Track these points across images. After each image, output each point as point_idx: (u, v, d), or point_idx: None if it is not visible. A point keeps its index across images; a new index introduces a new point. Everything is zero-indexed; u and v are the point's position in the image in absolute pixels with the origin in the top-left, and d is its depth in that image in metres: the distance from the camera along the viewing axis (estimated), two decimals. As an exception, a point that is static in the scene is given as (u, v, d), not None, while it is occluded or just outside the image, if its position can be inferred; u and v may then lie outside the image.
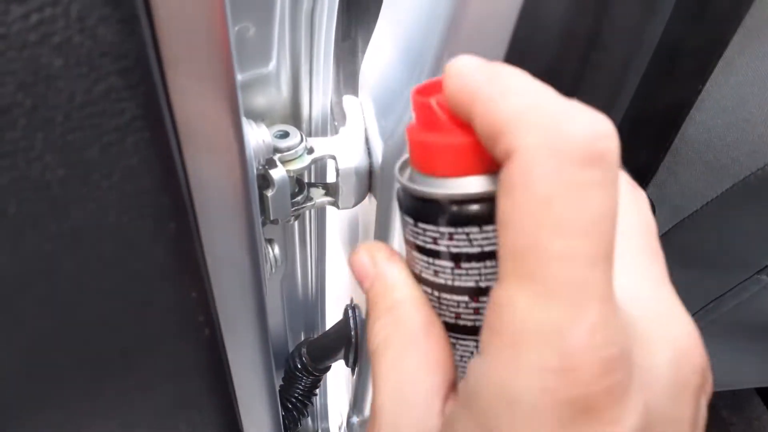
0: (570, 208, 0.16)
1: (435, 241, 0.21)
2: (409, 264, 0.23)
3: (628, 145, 0.50)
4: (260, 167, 0.41)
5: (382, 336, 0.22)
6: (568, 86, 0.33)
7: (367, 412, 0.63)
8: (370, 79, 0.49)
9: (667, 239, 0.51)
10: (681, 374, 0.19)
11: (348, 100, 0.50)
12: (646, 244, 0.22)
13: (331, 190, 0.47)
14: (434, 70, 0.36)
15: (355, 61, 0.60)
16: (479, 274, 0.21)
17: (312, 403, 0.64)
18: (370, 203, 0.48)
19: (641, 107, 0.48)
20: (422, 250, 0.22)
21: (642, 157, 0.48)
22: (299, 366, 0.62)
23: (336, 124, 0.49)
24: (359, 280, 0.24)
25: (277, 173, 0.41)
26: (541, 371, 0.16)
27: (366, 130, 0.46)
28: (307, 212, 0.52)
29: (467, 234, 0.21)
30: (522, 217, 0.17)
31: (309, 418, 0.78)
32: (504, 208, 0.17)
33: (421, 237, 0.22)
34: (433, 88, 0.21)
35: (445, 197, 0.20)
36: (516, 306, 0.17)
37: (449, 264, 0.22)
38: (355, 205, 0.46)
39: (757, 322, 0.63)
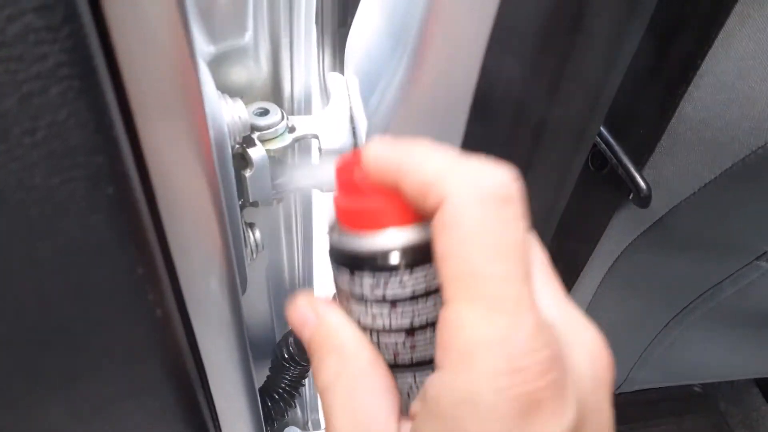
0: (497, 238, 0.20)
1: (371, 288, 0.24)
2: (346, 311, 0.25)
3: (624, 126, 0.48)
4: (237, 145, 0.39)
5: (332, 373, 0.24)
6: (560, 55, 0.31)
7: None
8: (355, 56, 0.47)
9: (663, 224, 0.49)
10: (597, 371, 0.22)
11: (332, 78, 0.48)
12: (545, 268, 0.25)
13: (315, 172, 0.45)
14: (417, 45, 0.34)
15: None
16: (413, 314, 0.24)
17: (300, 394, 0.62)
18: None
19: (637, 86, 0.46)
20: (359, 297, 0.24)
21: (638, 138, 0.46)
22: (286, 356, 0.60)
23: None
24: (299, 329, 0.26)
25: (256, 152, 0.39)
26: (494, 375, 0.19)
27: (351, 109, 0.44)
28: (292, 196, 0.50)
29: (399, 279, 0.24)
30: (460, 249, 0.20)
31: (298, 409, 0.77)
32: (442, 244, 0.20)
33: (357, 286, 0.24)
34: (352, 161, 0.25)
35: (378, 250, 0.24)
36: (465, 323, 0.20)
37: (386, 308, 0.24)
38: (339, 187, 0.45)
39: (757, 310, 0.61)
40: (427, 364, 0.25)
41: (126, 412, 0.29)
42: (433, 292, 0.24)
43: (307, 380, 0.77)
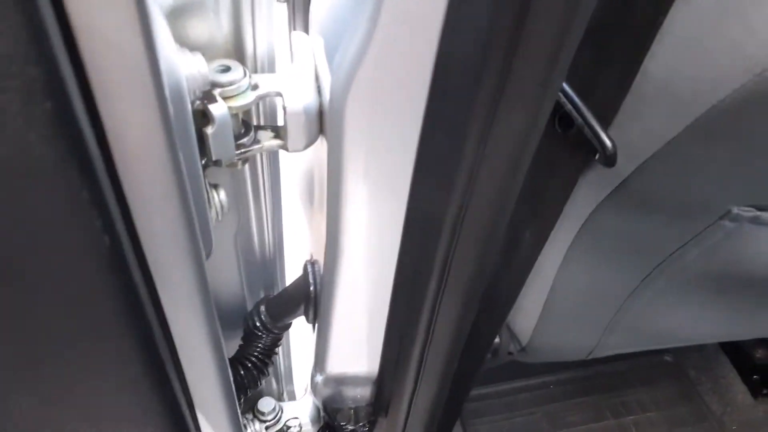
0: None
1: None
2: None
3: (589, 87, 0.48)
4: (198, 101, 0.38)
5: None
6: (519, 5, 0.31)
7: (329, 369, 0.62)
8: (319, 15, 0.47)
9: (629, 185, 0.49)
10: None
11: (296, 36, 0.47)
12: None
13: (280, 132, 0.44)
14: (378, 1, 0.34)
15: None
16: None
17: (272, 362, 0.62)
18: (322, 146, 0.46)
19: (601, 45, 0.46)
20: None
21: (603, 97, 0.47)
22: (258, 324, 0.60)
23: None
24: None
25: (218, 109, 0.38)
26: None
27: (316, 68, 0.44)
28: (259, 161, 0.50)
29: None
30: None
31: (274, 381, 0.77)
32: None
33: None
34: None
35: None
36: None
37: None
38: (306, 147, 0.44)
39: (722, 272, 0.63)
40: None
41: (79, 356, 0.28)
42: None
43: (281, 350, 0.77)
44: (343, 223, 0.47)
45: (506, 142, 0.37)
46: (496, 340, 0.82)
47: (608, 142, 0.45)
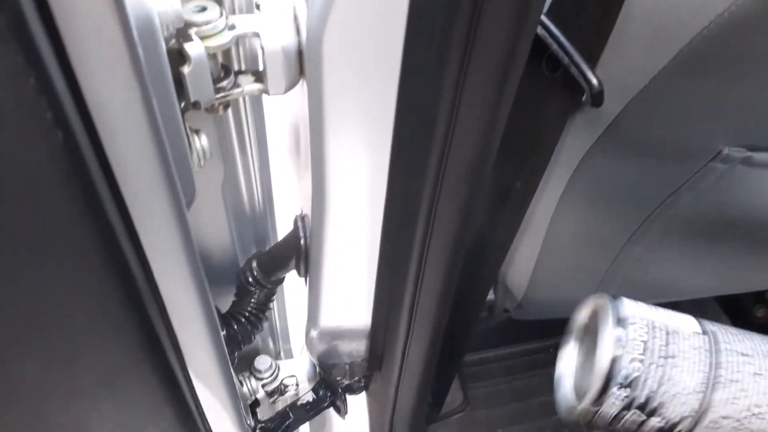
0: None
1: None
2: None
3: (574, 25, 0.47)
4: (173, 41, 0.38)
5: None
6: None
7: (322, 323, 0.62)
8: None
9: (618, 126, 0.49)
10: None
11: (275, -23, 0.46)
12: None
13: (261, 77, 0.44)
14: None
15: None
16: None
17: (266, 317, 0.63)
18: (304, 93, 0.45)
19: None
20: None
21: (588, 35, 0.46)
22: (251, 280, 0.60)
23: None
24: None
25: (194, 48, 0.38)
26: None
27: (295, 7, 0.43)
28: (243, 108, 0.49)
29: None
30: None
31: (271, 340, 0.77)
32: None
33: None
34: None
35: None
36: None
37: None
38: (287, 89, 0.44)
39: (715, 218, 0.62)
40: None
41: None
42: None
43: (276, 310, 0.77)
44: (327, 171, 0.47)
45: (486, 75, 0.36)
46: (491, 296, 0.82)
47: (594, 80, 0.45)
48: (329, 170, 0.46)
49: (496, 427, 1.21)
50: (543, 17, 0.49)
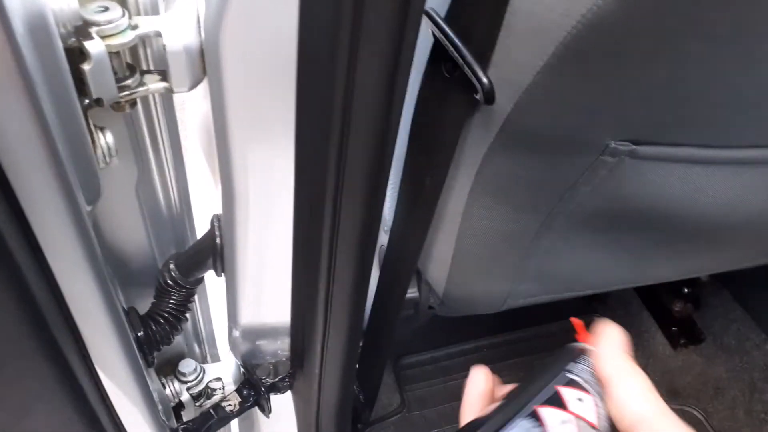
0: None
1: None
2: None
3: (468, 27, 0.51)
4: (73, 39, 0.39)
5: None
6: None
7: (241, 321, 0.63)
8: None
9: (512, 123, 0.52)
10: None
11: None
12: None
13: (167, 76, 0.45)
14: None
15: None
16: None
17: (186, 318, 0.63)
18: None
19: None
20: None
21: (480, 37, 0.49)
22: (169, 281, 0.61)
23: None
24: None
25: (94, 46, 0.39)
26: None
27: (198, 8, 0.45)
28: (153, 108, 0.50)
29: None
30: None
31: (196, 345, 0.78)
32: None
33: None
34: None
35: None
36: None
37: None
38: (191, 87, 0.45)
39: (613, 210, 0.67)
40: None
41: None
42: None
43: (201, 315, 0.77)
44: (233, 167, 0.48)
45: (375, 65, 0.39)
46: (416, 293, 0.84)
47: (484, 79, 0.48)
48: (235, 167, 0.48)
49: (432, 427, 1.24)
50: (441, 23, 0.52)
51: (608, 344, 0.40)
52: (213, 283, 0.72)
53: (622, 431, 0.37)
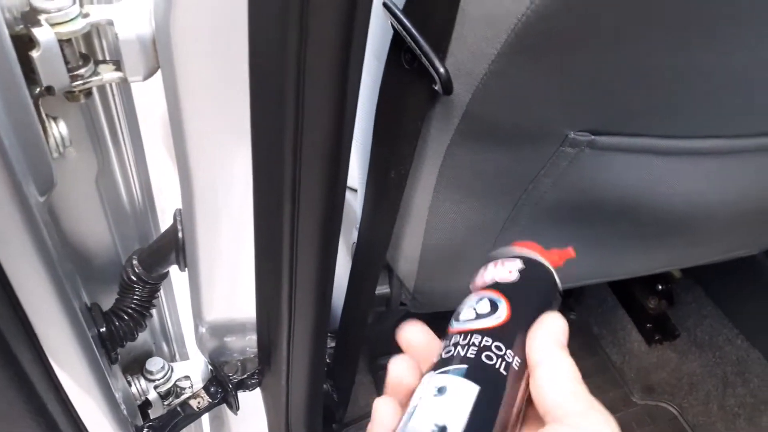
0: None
1: None
2: None
3: (425, 18, 0.51)
4: (20, 25, 0.39)
5: None
6: None
7: (206, 317, 0.63)
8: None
9: (471, 114, 0.52)
10: None
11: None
12: None
13: (121, 65, 0.45)
14: None
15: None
16: None
17: (150, 314, 0.63)
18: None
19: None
20: None
21: (436, 27, 0.50)
22: (132, 277, 0.61)
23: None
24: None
25: (43, 33, 0.39)
26: None
27: (152, -1, 0.45)
28: (111, 99, 0.50)
29: None
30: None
31: (165, 344, 0.77)
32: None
33: None
34: None
35: None
36: None
37: None
38: (146, 77, 0.45)
39: (576, 202, 0.67)
40: None
41: None
42: None
43: (169, 314, 0.77)
44: (190, 159, 0.48)
45: (326, 49, 0.39)
46: (387, 289, 0.84)
47: (441, 69, 0.48)
48: (192, 159, 0.48)
49: (408, 428, 1.23)
50: (399, 14, 0.52)
51: (542, 329, 0.39)
52: (180, 281, 0.72)
53: (540, 415, 0.36)
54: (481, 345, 0.38)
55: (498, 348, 0.38)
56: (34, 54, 0.39)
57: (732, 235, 0.91)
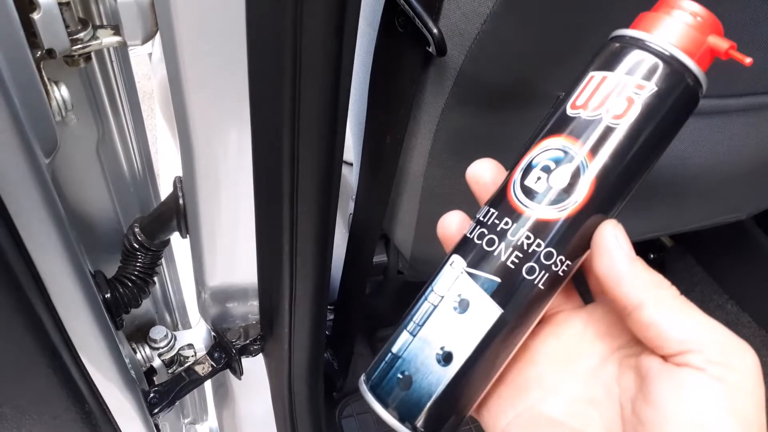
0: None
1: None
2: None
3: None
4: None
5: None
6: None
7: (208, 282, 0.64)
8: None
9: (466, 76, 0.53)
10: None
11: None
12: None
13: (120, 30, 0.46)
14: None
15: None
16: None
17: (153, 281, 0.64)
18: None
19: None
20: None
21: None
22: (135, 244, 0.62)
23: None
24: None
25: (42, -5, 0.40)
26: None
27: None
28: (109, 65, 0.51)
29: None
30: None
31: (167, 313, 0.78)
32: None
33: None
34: None
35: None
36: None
37: None
38: (144, 41, 0.46)
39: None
40: None
41: None
42: None
43: (170, 284, 0.78)
44: (190, 123, 0.49)
45: (321, 10, 0.40)
46: (384, 258, 0.86)
47: (434, 29, 0.49)
48: (192, 123, 0.48)
49: (407, 397, 1.26)
50: (392, -23, 0.53)
51: (613, 248, 0.32)
52: (182, 250, 0.73)
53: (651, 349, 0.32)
54: (529, 251, 0.33)
55: (548, 256, 0.33)
56: (35, 16, 0.40)
57: (719, 199, 0.92)
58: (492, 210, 0.36)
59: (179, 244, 0.69)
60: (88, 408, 0.50)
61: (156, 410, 0.63)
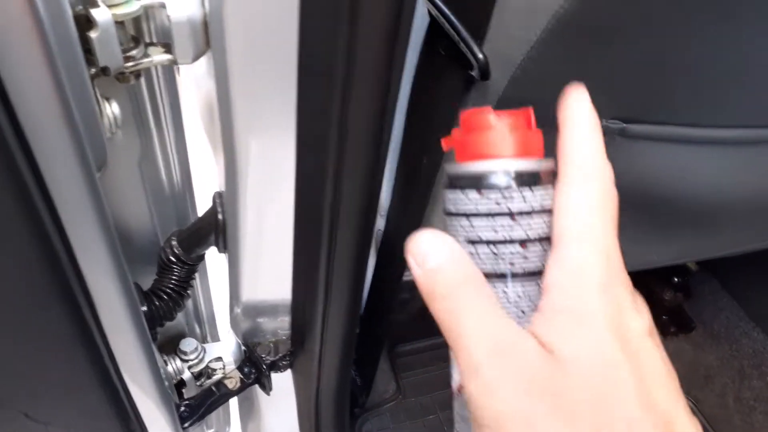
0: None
1: (496, 203, 0.33)
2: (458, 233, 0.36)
3: (462, 4, 0.52)
4: (80, 7, 0.40)
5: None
6: None
7: (243, 298, 0.65)
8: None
9: (508, 99, 0.54)
10: None
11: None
12: None
13: (170, 48, 0.46)
14: None
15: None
16: (529, 227, 0.33)
17: (188, 295, 0.64)
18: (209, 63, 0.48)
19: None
20: (484, 214, 0.33)
21: (474, 12, 0.51)
22: (171, 258, 0.62)
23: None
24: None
25: (101, 14, 0.40)
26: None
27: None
28: (156, 83, 0.52)
29: (523, 195, 0.33)
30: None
31: (197, 325, 0.79)
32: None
33: (483, 203, 0.33)
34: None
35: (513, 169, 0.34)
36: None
37: (506, 220, 0.33)
38: (195, 59, 0.46)
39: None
40: (536, 275, 0.33)
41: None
42: (547, 212, 0.34)
43: (202, 296, 0.78)
44: (236, 142, 0.49)
45: (375, 35, 0.40)
46: (411, 277, 0.86)
47: (479, 54, 0.49)
48: (238, 142, 0.49)
49: (428, 414, 1.25)
50: (438, 1, 0.53)
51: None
52: (214, 263, 0.74)
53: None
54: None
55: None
56: (93, 35, 0.40)
57: (752, 227, 0.91)
58: None
59: (210, 257, 0.70)
60: (132, 426, 0.50)
61: (187, 424, 0.63)
